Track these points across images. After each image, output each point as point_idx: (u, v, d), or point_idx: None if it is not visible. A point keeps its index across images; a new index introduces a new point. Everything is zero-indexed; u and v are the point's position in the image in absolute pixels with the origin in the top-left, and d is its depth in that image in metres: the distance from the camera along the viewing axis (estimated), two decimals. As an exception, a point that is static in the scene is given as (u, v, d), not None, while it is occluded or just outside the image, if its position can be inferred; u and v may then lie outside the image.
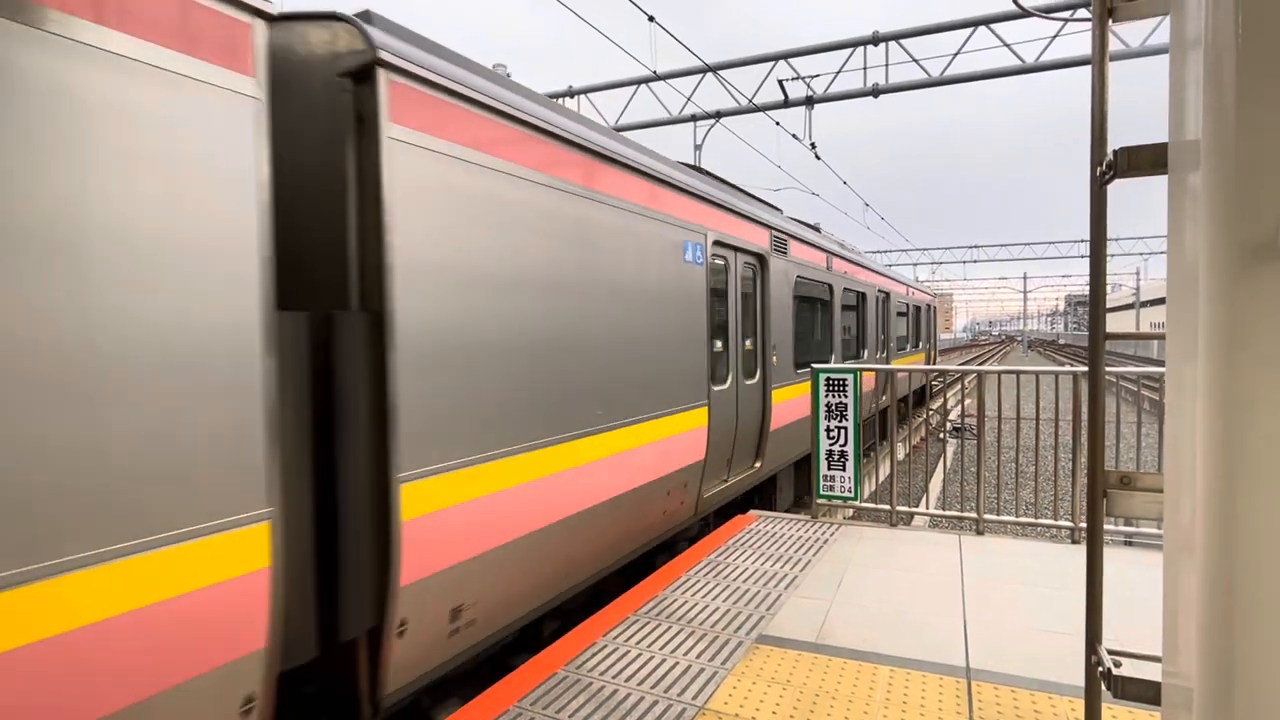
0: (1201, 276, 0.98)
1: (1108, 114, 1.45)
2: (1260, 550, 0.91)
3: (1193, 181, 1.05)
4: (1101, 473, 1.52)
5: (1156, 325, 48.74)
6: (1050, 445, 5.49)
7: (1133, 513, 1.55)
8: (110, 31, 1.94)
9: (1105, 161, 1.42)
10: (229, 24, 2.24)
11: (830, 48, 12.71)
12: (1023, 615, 3.69)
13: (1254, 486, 0.92)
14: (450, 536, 3.08)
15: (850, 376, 5.61)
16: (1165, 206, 1.23)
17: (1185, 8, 1.11)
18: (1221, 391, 0.95)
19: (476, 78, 3.37)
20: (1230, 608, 0.92)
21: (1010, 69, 11.88)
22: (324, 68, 2.81)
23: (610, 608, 3.88)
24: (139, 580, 1.99)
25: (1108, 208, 1.53)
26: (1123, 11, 1.46)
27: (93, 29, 1.90)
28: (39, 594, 1.80)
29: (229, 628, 2.25)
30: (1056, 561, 4.49)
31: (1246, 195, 0.92)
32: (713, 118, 13.87)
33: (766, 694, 2.93)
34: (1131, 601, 3.48)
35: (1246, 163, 0.92)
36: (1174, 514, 1.16)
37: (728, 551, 4.82)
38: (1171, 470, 1.18)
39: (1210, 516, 0.96)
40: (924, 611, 3.76)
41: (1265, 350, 0.91)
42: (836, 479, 5.64)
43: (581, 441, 3.99)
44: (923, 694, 2.93)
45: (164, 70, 2.06)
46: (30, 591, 1.78)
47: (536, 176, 3.66)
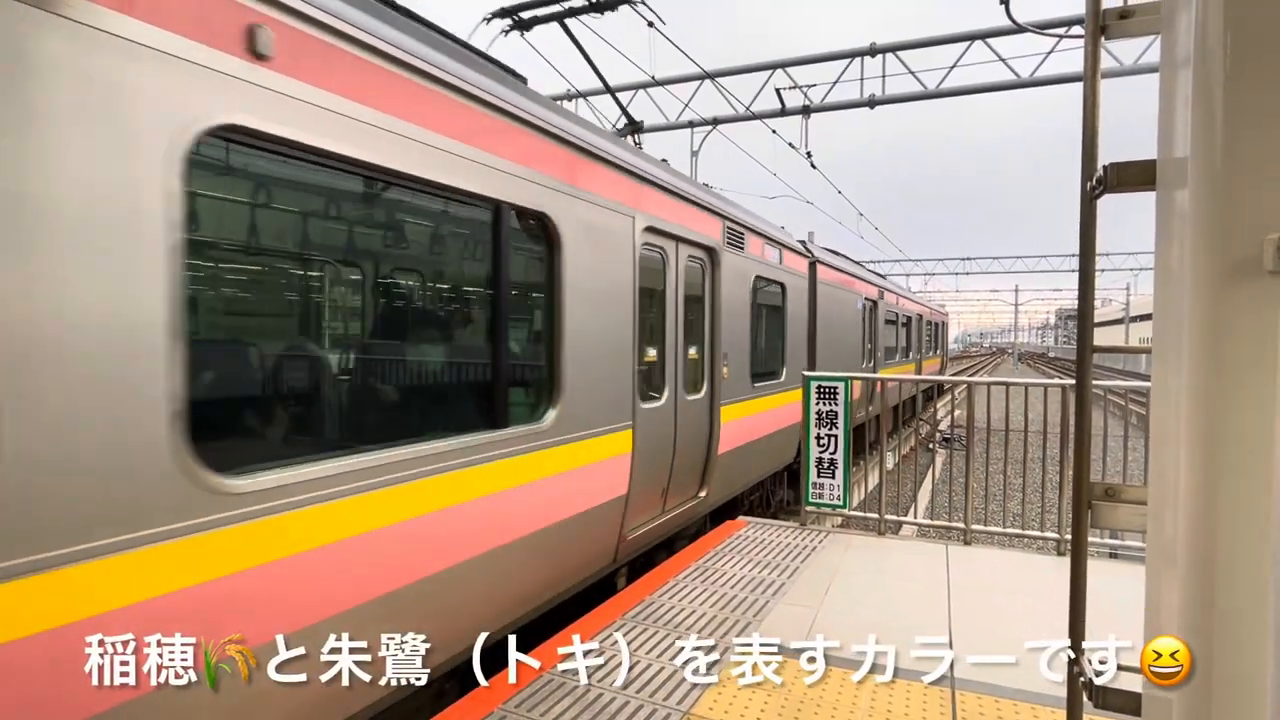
0: (1187, 292, 0.99)
1: (1098, 129, 1.47)
2: (1240, 563, 0.92)
3: (1180, 198, 1.07)
4: (1086, 484, 1.53)
5: (1145, 340, 49.02)
6: (1038, 458, 5.52)
7: (1117, 525, 1.56)
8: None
9: (1095, 176, 1.44)
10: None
11: (828, 58, 12.80)
12: (1007, 625, 3.70)
13: (1235, 501, 0.94)
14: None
15: (841, 384, 5.63)
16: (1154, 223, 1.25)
17: (1176, 27, 1.13)
18: (1205, 405, 0.96)
19: None
20: (1210, 619, 0.93)
21: (1005, 83, 11.99)
22: None
23: (597, 611, 3.87)
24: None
25: (1097, 223, 1.55)
26: (1115, 29, 1.48)
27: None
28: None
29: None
30: (1042, 573, 4.51)
31: (1232, 212, 0.94)
32: (710, 124, 13.92)
33: (751, 700, 2.93)
34: (1114, 613, 3.50)
35: (1233, 180, 0.94)
36: (1157, 526, 1.17)
37: (716, 557, 4.82)
38: (1155, 483, 1.19)
39: (1192, 529, 0.97)
40: (910, 620, 3.77)
41: (1248, 365, 0.93)
42: (825, 487, 5.66)
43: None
44: (907, 702, 2.94)
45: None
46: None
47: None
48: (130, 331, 1.97)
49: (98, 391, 1.88)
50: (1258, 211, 0.92)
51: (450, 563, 3.09)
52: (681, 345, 5.43)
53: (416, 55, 2.86)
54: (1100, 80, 1.49)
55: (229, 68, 2.18)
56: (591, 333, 4.11)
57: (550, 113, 3.87)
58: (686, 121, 14.06)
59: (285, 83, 2.35)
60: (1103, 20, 1.48)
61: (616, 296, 4.43)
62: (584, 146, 4.06)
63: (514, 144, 3.48)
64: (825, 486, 5.66)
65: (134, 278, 1.97)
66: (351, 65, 2.59)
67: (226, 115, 2.19)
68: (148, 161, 1.99)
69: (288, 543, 2.36)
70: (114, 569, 1.91)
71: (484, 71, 3.41)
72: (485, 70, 3.45)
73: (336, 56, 2.53)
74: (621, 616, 3.80)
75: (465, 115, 3.17)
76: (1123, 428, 5.51)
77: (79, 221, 1.85)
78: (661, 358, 5.16)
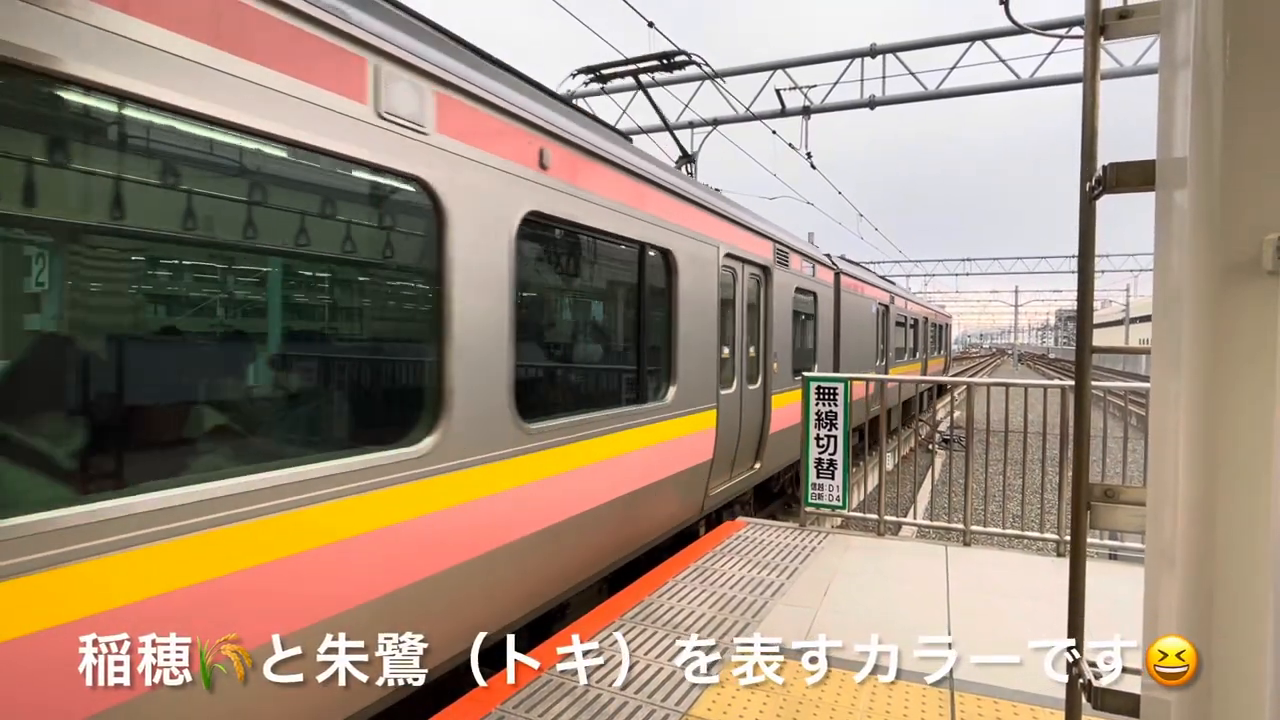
0: (1186, 292, 0.99)
1: (1098, 129, 1.47)
2: (1239, 564, 0.92)
3: (1179, 199, 1.07)
4: (1086, 485, 1.53)
5: (1144, 342, 48.98)
6: (1038, 459, 5.52)
7: (1116, 525, 1.56)
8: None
9: (1094, 177, 1.43)
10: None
11: (828, 59, 12.79)
12: (1007, 626, 3.70)
13: (1234, 501, 0.93)
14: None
15: (840, 385, 5.63)
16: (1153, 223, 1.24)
17: (1175, 28, 1.13)
18: (1204, 406, 0.96)
19: None
20: (1209, 620, 0.93)
21: (1005, 84, 11.99)
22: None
23: (596, 612, 3.87)
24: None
25: (1096, 223, 1.55)
26: (1114, 29, 1.48)
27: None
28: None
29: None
30: (1041, 574, 4.51)
31: (1231, 213, 0.94)
32: (710, 125, 13.92)
33: (750, 700, 2.93)
34: (1113, 614, 3.50)
35: (1231, 181, 0.93)
36: (1156, 527, 1.17)
37: (715, 558, 4.82)
38: (1154, 484, 1.19)
39: (1191, 530, 0.96)
40: (909, 621, 3.77)
41: (1247, 366, 0.92)
42: (825, 487, 5.65)
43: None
44: (906, 703, 2.93)
45: None
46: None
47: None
48: (498, 335, 3.31)
49: (490, 368, 3.25)
50: (1257, 212, 0.92)
51: (631, 489, 4.62)
52: (745, 345, 6.80)
53: (612, 154, 4.39)
54: (1100, 81, 1.49)
55: (532, 176, 3.56)
56: (693, 334, 5.50)
57: (672, 176, 5.45)
58: (687, 122, 14.06)
59: (557, 182, 3.78)
60: (1102, 20, 1.48)
61: (706, 307, 5.81)
62: (690, 198, 5.52)
63: (653, 201, 4.93)
64: (825, 487, 5.65)
65: (499, 305, 3.30)
66: (587, 165, 4.11)
67: (531, 205, 3.56)
68: (505, 235, 3.37)
69: (564, 463, 3.88)
70: (476, 473, 3.19)
71: (629, 149, 4.90)
72: (630, 149, 4.98)
73: (581, 162, 4.04)
74: (620, 617, 3.79)
75: (631, 186, 4.63)
76: (1122, 429, 5.51)
77: (484, 269, 3.22)
78: (732, 355, 6.51)
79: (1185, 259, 1.01)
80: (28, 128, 1.93)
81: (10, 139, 1.90)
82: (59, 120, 1.96)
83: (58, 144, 2.00)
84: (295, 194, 2.64)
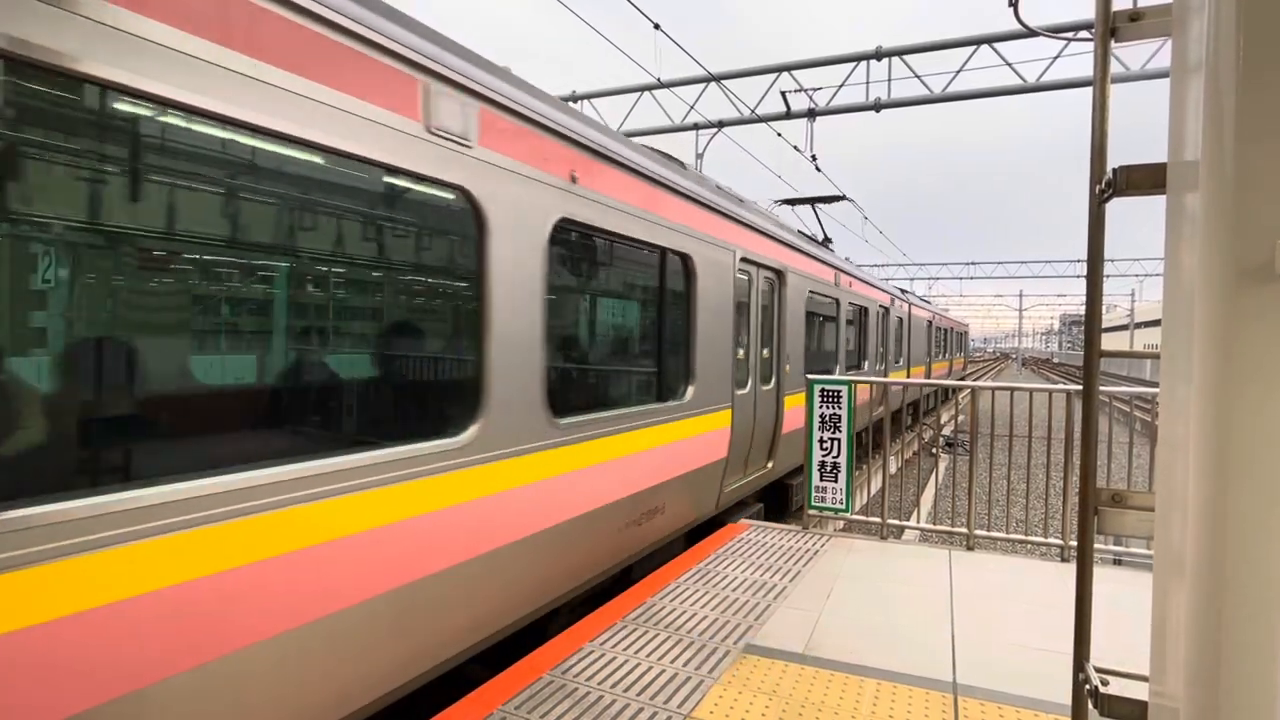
0: (1197, 297, 0.98)
1: (1108, 132, 1.46)
2: (1249, 571, 0.91)
3: (1190, 202, 1.06)
4: (1093, 489, 1.52)
5: (1149, 346, 49.05)
6: (1042, 463, 5.50)
7: (1124, 530, 1.55)
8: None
9: (1104, 180, 1.42)
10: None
11: (833, 61, 12.79)
12: (1011, 631, 3.68)
13: (1245, 507, 0.92)
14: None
15: (845, 388, 5.61)
16: (1163, 228, 1.24)
17: (1188, 31, 1.12)
18: (1215, 411, 0.95)
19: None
20: (1219, 628, 0.92)
21: (1012, 88, 11.96)
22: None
23: (598, 613, 3.86)
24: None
25: (1105, 227, 1.54)
26: (1125, 32, 1.46)
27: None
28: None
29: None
30: (1046, 579, 4.49)
31: (1243, 217, 0.93)
32: (715, 126, 13.92)
33: (753, 704, 2.92)
34: (1120, 620, 3.48)
35: (1244, 184, 0.93)
36: (1164, 533, 1.16)
37: (717, 560, 4.81)
38: (1163, 489, 1.18)
39: (1200, 536, 0.96)
40: (913, 625, 3.75)
41: (1259, 371, 0.92)
42: (828, 490, 5.64)
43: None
44: (909, 707, 2.92)
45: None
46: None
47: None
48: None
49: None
50: (1270, 215, 0.91)
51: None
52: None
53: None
54: (1110, 83, 1.48)
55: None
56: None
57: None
58: (692, 124, 14.07)
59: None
60: (1113, 23, 1.47)
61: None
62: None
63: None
64: (828, 490, 5.64)
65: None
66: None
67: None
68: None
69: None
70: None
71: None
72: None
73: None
74: (622, 619, 3.79)
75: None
76: (1127, 434, 5.48)
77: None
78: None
79: (1196, 263, 1.00)
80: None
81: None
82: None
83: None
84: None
